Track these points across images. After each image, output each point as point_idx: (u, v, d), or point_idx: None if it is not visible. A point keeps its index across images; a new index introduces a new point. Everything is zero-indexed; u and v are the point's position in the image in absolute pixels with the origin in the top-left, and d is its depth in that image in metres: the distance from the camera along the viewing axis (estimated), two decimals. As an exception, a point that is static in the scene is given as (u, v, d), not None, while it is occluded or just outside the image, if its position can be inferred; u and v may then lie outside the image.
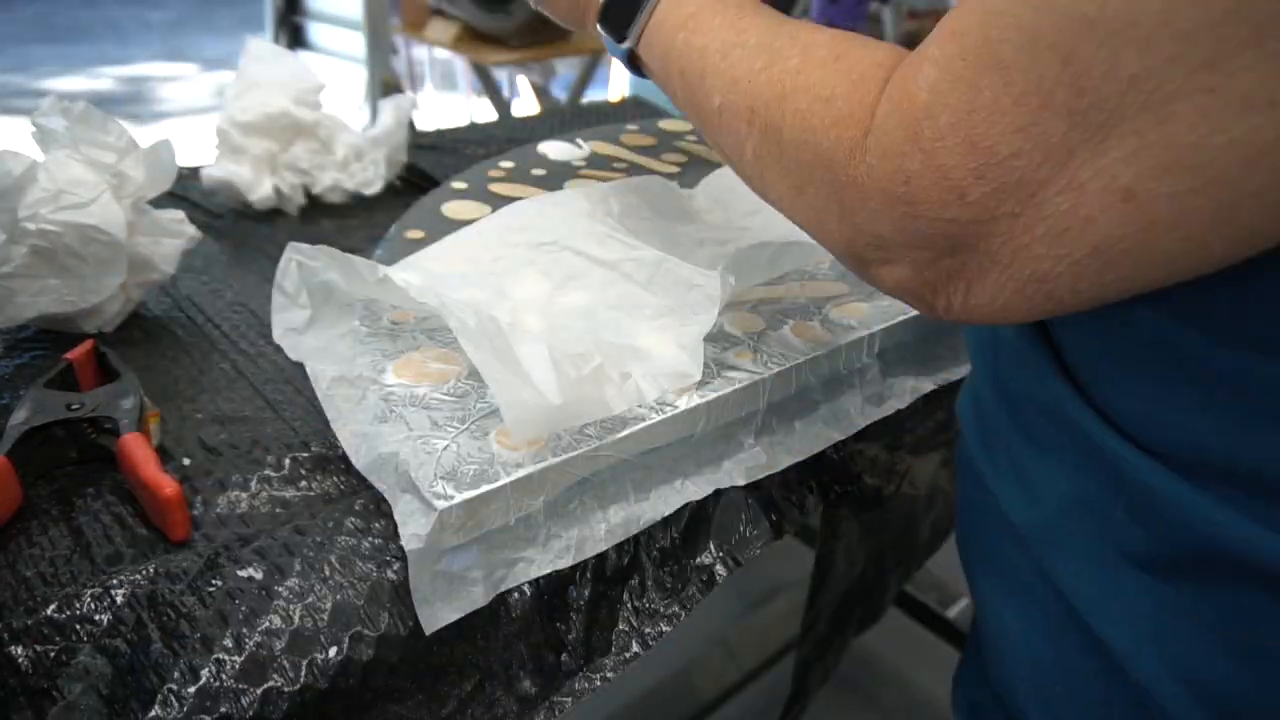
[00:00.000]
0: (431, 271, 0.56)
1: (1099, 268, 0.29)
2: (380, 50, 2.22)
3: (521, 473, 0.40)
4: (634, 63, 0.48)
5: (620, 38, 0.46)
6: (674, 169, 0.76)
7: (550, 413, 0.40)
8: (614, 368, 0.47)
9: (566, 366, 0.43)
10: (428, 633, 0.38)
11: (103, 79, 4.04)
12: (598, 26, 0.48)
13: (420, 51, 3.09)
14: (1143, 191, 0.27)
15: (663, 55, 0.44)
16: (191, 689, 0.34)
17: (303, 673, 0.36)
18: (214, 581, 0.37)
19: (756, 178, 0.40)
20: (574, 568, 0.43)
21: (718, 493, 0.47)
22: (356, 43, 2.22)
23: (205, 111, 3.60)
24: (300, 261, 0.49)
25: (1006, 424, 0.42)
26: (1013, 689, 0.43)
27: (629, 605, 0.46)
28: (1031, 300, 0.31)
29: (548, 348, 0.43)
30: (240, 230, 0.72)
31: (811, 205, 0.36)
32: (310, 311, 0.51)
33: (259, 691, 0.35)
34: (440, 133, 0.97)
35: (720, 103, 0.40)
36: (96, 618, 0.36)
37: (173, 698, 0.34)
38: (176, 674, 0.34)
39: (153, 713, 0.33)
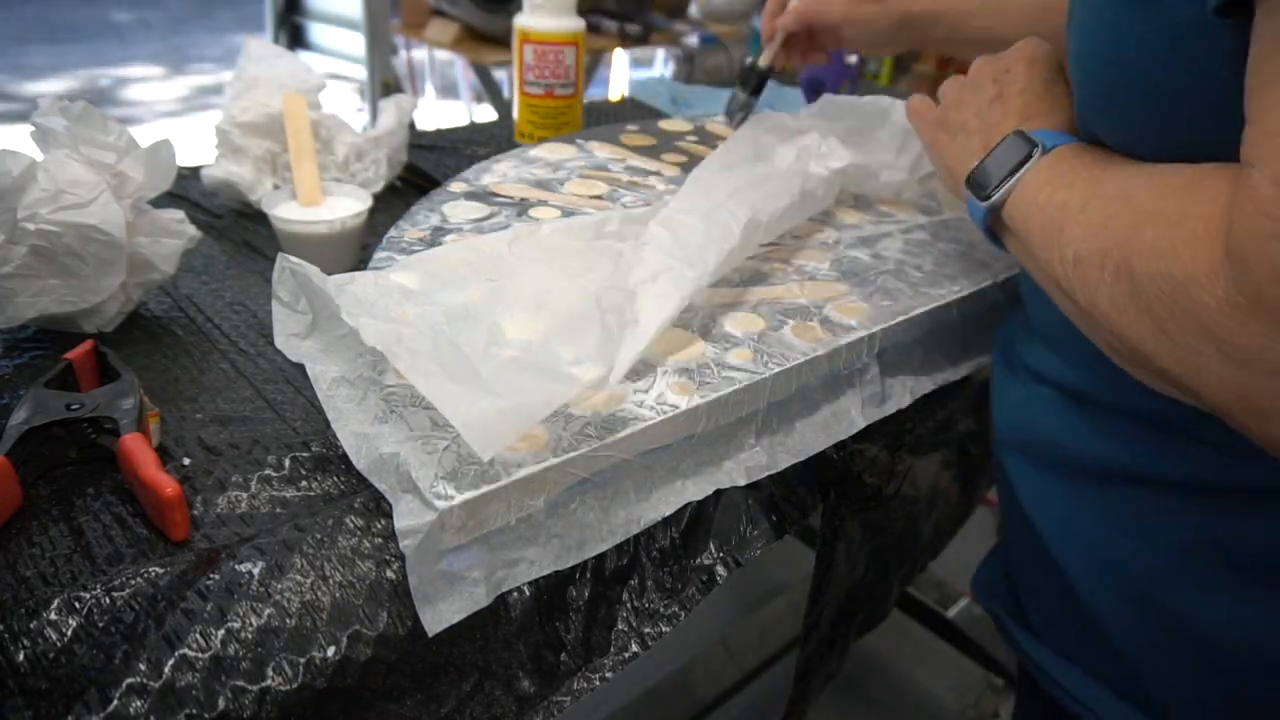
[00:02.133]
0: (431, 272, 0.56)
1: None
2: (380, 50, 2.22)
3: (522, 473, 0.40)
4: (992, 230, 0.47)
5: (985, 196, 0.45)
6: (674, 170, 0.76)
7: (507, 414, 0.39)
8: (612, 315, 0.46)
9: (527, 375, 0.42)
10: (430, 634, 0.38)
11: (82, 79, 4.03)
12: (964, 187, 0.48)
13: (420, 53, 3.09)
14: None
15: (1025, 213, 0.43)
16: (190, 687, 0.34)
17: (301, 671, 0.36)
18: (213, 581, 0.37)
19: (1114, 330, 0.36)
20: (573, 568, 0.43)
21: (718, 493, 0.47)
22: (356, 43, 2.22)
23: (178, 115, 3.60)
24: (293, 269, 0.49)
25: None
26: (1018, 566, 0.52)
27: (628, 605, 0.46)
28: None
29: (510, 362, 0.43)
30: (240, 230, 0.72)
31: (1179, 345, 0.32)
32: (311, 316, 0.51)
33: (257, 690, 0.35)
34: (440, 133, 0.97)
35: (1075, 253, 0.38)
36: (96, 618, 0.36)
37: (171, 696, 0.34)
38: (175, 672, 0.34)
39: (152, 712, 0.33)
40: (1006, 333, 0.55)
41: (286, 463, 0.45)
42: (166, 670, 0.34)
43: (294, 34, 2.47)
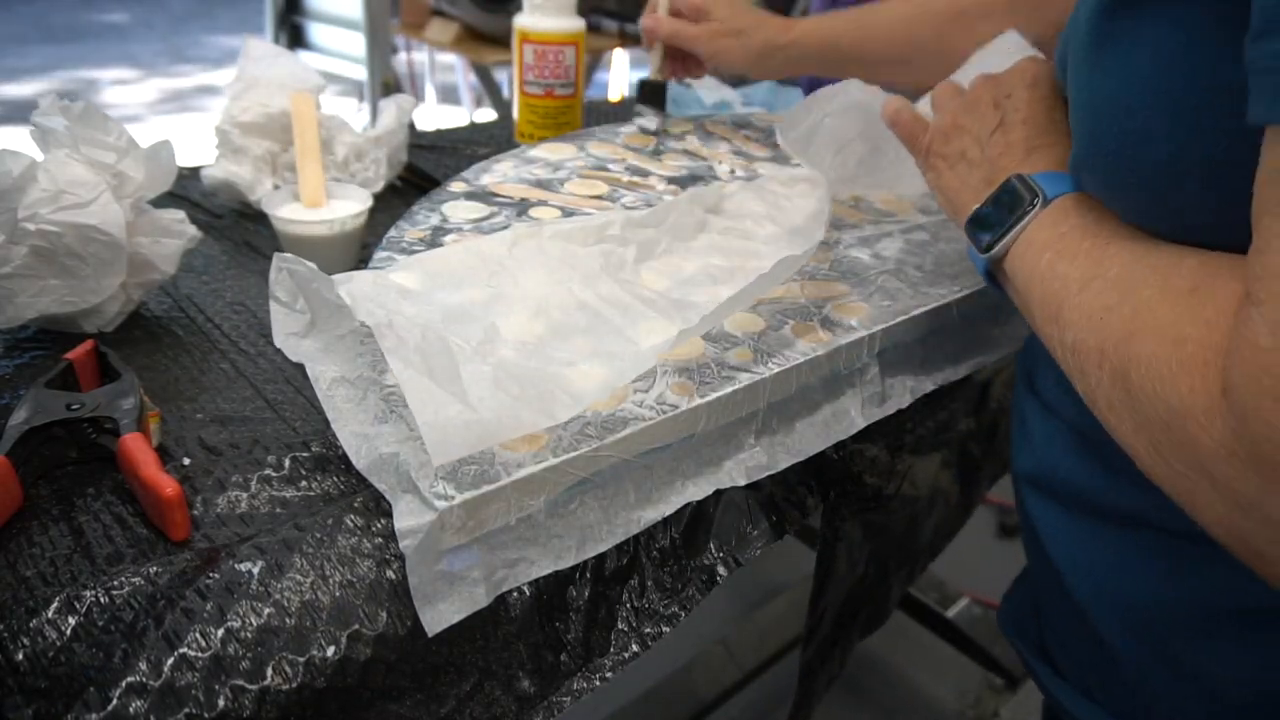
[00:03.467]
0: (431, 272, 0.56)
1: None
2: (380, 50, 2.21)
3: (522, 473, 0.40)
4: (993, 276, 0.46)
5: (985, 247, 0.44)
6: (674, 170, 0.76)
7: (472, 427, 0.39)
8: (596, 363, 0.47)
9: (510, 385, 0.42)
10: (431, 634, 0.38)
11: (63, 80, 4.03)
12: (967, 231, 0.47)
13: (420, 55, 3.09)
14: None
15: (1026, 276, 0.42)
16: (190, 687, 0.34)
17: (301, 671, 0.36)
18: (213, 580, 0.37)
19: (1114, 432, 0.35)
20: (573, 568, 0.43)
21: (718, 493, 0.47)
22: (356, 43, 2.22)
23: (155, 117, 3.59)
24: (290, 269, 0.49)
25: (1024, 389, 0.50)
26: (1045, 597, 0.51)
27: (628, 605, 0.46)
28: None
29: (496, 367, 0.43)
30: (240, 230, 0.72)
31: (1175, 471, 0.31)
32: (309, 315, 0.51)
33: (257, 689, 0.35)
34: (440, 133, 0.97)
35: (1073, 340, 0.36)
36: (96, 616, 0.36)
37: (171, 695, 0.34)
38: (175, 672, 0.34)
39: (152, 711, 0.33)
40: (1028, 358, 0.53)
41: (286, 463, 0.45)
42: (166, 670, 0.34)
43: (294, 34, 2.47)
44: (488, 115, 2.72)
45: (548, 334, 0.50)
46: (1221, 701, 0.41)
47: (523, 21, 0.85)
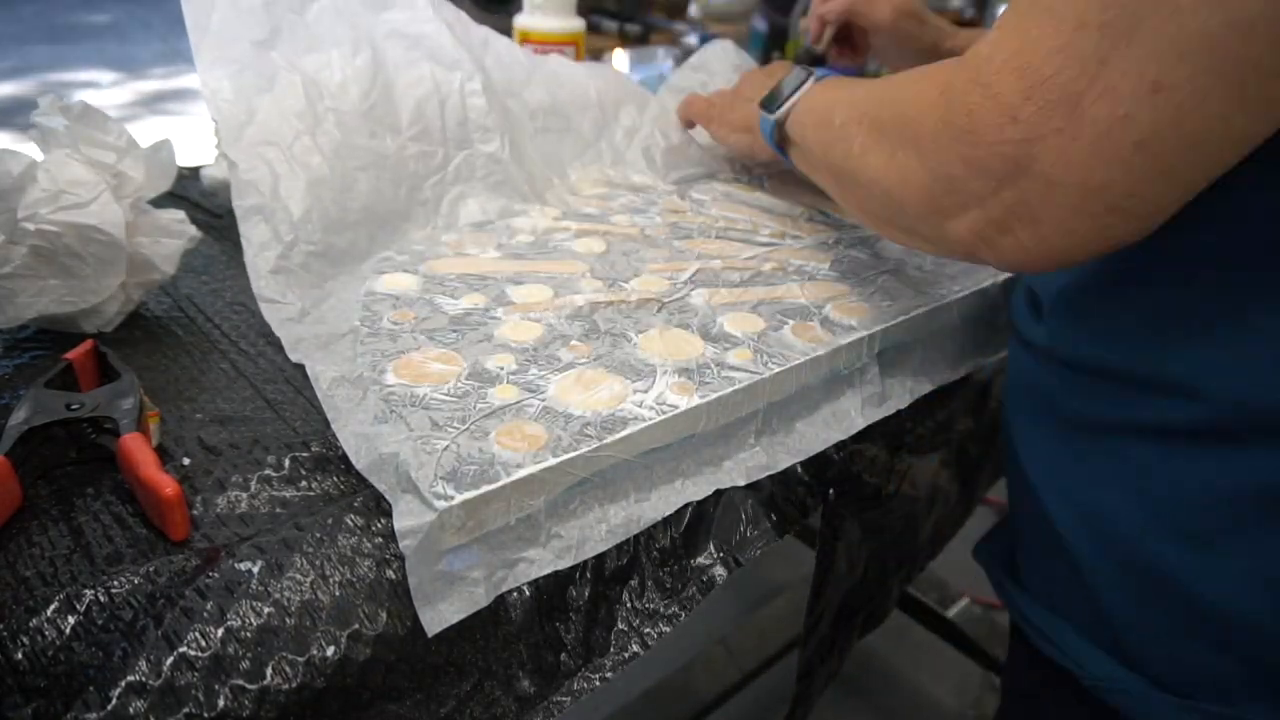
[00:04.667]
0: (432, 274, 0.56)
1: (1145, 164, 0.33)
2: (380, 50, 2.21)
3: (522, 473, 0.40)
4: (780, 145, 0.60)
5: (773, 109, 0.58)
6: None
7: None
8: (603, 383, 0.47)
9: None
10: (430, 634, 0.38)
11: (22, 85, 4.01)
12: (758, 109, 0.60)
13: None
14: (1167, 80, 0.32)
15: (802, 119, 0.56)
16: (190, 686, 0.34)
17: (301, 671, 0.36)
18: (212, 580, 0.37)
19: (861, 166, 0.46)
20: (573, 568, 0.43)
21: (718, 493, 0.47)
22: (357, 43, 2.21)
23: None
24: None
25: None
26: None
27: (628, 605, 0.46)
28: (1096, 219, 0.35)
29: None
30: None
31: (899, 165, 0.42)
32: (300, 304, 0.51)
33: (257, 689, 0.35)
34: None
35: (840, 120, 0.49)
36: (95, 615, 0.36)
37: (171, 695, 0.34)
38: (174, 671, 0.34)
39: (151, 711, 0.33)
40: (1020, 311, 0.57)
41: (286, 463, 0.45)
42: (166, 669, 0.34)
43: (294, 34, 2.47)
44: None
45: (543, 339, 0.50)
46: (1179, 610, 0.42)
47: (523, 21, 0.85)
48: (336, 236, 0.57)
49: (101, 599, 0.36)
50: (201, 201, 0.75)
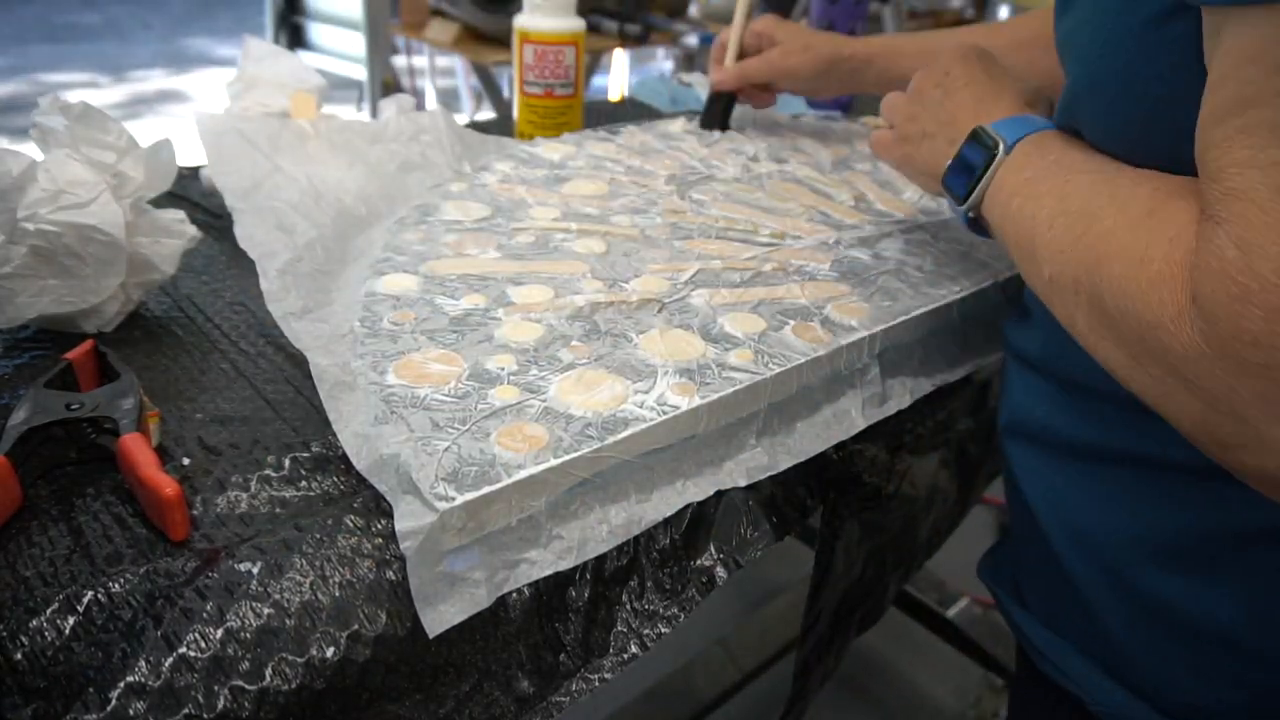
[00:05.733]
0: (432, 274, 0.56)
1: None
2: (380, 50, 2.21)
3: (523, 474, 0.40)
4: (976, 224, 0.50)
5: (960, 200, 0.49)
6: (674, 169, 0.76)
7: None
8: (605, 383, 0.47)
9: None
10: (431, 635, 0.38)
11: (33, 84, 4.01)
12: (944, 187, 0.51)
13: (420, 60, 3.09)
14: None
15: (999, 221, 0.45)
16: (189, 687, 0.34)
17: (300, 672, 0.36)
18: (212, 580, 0.37)
19: (1094, 351, 0.38)
20: (573, 568, 0.43)
21: (718, 494, 0.47)
22: (356, 43, 2.22)
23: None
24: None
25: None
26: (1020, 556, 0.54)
27: (628, 606, 0.46)
28: None
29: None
30: (240, 230, 0.71)
31: (1151, 376, 0.34)
32: (295, 295, 0.52)
33: (256, 690, 0.35)
34: (440, 133, 0.96)
35: (1049, 274, 0.39)
36: (95, 616, 0.36)
37: (170, 696, 0.34)
38: (174, 672, 0.34)
39: (151, 712, 0.33)
40: (1006, 324, 0.57)
41: (286, 463, 0.45)
42: (165, 670, 0.34)
43: (294, 34, 2.47)
44: (488, 115, 2.72)
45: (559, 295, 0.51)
46: (1175, 632, 0.42)
47: (523, 21, 0.85)
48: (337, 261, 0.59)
49: (101, 599, 0.36)
50: (201, 201, 0.75)
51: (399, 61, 2.61)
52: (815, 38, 0.82)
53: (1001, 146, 0.46)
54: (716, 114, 0.88)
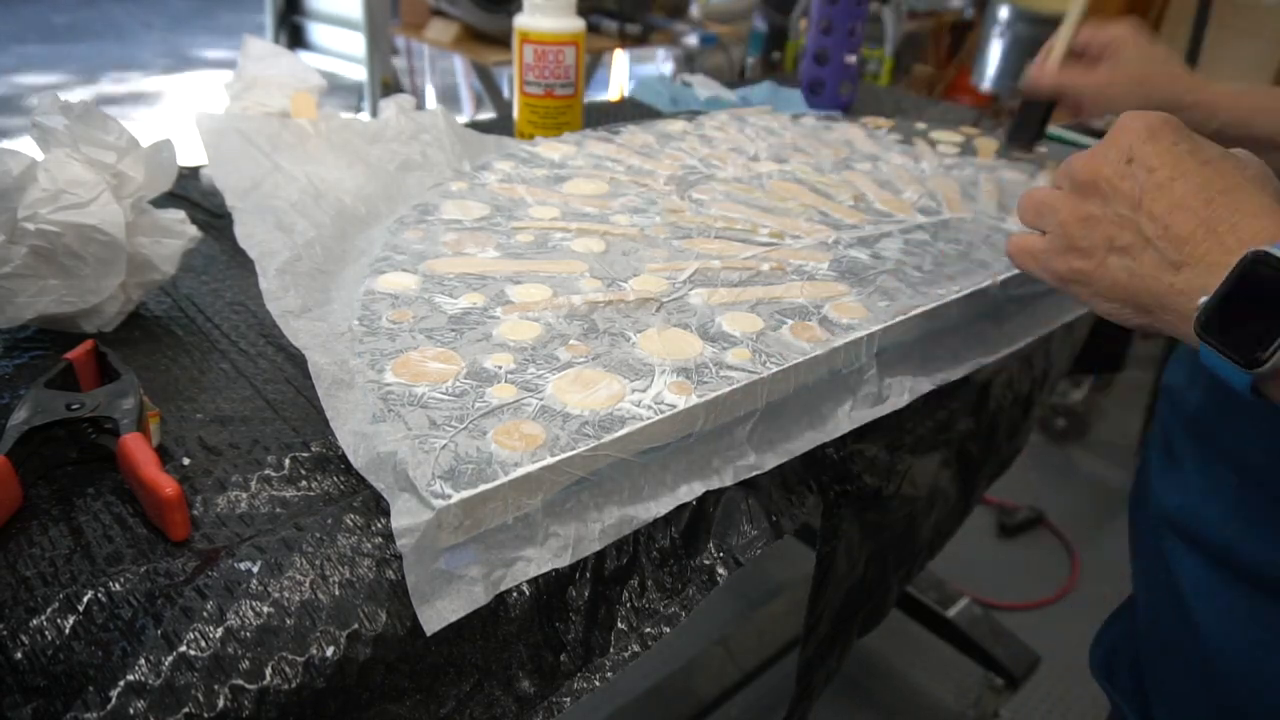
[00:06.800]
0: (431, 273, 0.56)
1: None
2: (380, 50, 2.22)
3: (520, 472, 0.40)
4: (1258, 388, 0.35)
5: (1250, 360, 0.34)
6: (674, 169, 0.77)
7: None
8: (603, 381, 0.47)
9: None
10: (429, 633, 0.38)
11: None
12: (1199, 336, 0.36)
13: (420, 62, 3.09)
14: None
15: None
16: (189, 686, 0.34)
17: (300, 671, 0.36)
18: (212, 580, 0.37)
19: None
20: (573, 568, 0.43)
21: (718, 493, 0.47)
22: (356, 43, 2.22)
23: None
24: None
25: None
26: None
27: (628, 605, 0.46)
28: None
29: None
30: (240, 230, 0.72)
31: None
32: (294, 294, 0.52)
33: (256, 689, 0.35)
34: (440, 133, 0.97)
35: None
36: (95, 615, 0.36)
37: (170, 695, 0.34)
38: (174, 671, 0.34)
39: (151, 711, 0.33)
40: (1187, 387, 0.47)
41: (286, 463, 0.45)
42: (165, 669, 0.34)
43: (294, 34, 2.47)
44: (488, 115, 2.72)
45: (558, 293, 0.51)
46: None
47: (523, 21, 0.85)
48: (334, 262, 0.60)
49: (101, 599, 0.36)
50: (201, 201, 0.75)
51: (399, 62, 2.61)
52: (1157, 72, 0.68)
53: None
54: (1034, 125, 0.79)
